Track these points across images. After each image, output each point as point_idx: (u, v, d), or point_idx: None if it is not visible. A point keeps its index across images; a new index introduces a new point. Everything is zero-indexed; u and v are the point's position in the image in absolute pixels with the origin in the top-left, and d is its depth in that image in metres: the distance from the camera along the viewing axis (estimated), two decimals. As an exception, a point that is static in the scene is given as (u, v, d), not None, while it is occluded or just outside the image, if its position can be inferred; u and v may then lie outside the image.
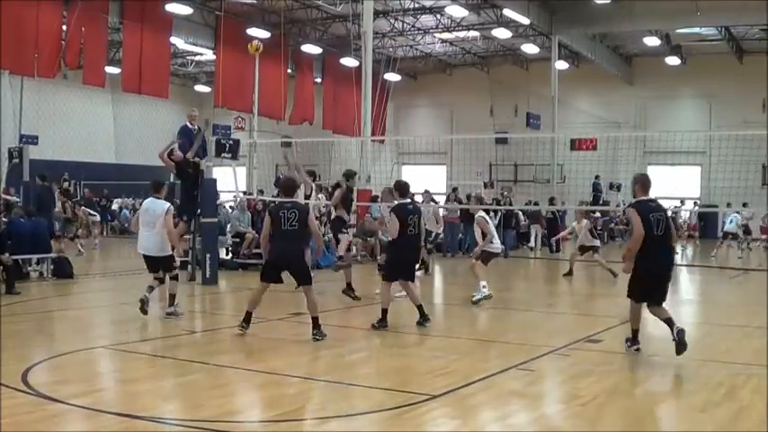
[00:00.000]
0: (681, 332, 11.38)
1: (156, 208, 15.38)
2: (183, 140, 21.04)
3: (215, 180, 22.78)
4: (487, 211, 20.60)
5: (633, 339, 12.21)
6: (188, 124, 21.47)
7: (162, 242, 15.46)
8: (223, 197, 29.40)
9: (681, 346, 11.29)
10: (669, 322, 11.72)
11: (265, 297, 13.60)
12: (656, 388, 10.36)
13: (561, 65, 49.31)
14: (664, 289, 12.09)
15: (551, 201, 40.39)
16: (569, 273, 25.05)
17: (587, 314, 16.14)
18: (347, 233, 19.89)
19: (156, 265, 15.68)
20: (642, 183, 12.67)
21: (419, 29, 47.77)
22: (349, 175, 20.38)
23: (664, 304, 11.98)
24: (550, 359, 12.10)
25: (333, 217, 20.14)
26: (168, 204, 15.66)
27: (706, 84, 49.79)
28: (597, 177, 43.85)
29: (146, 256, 15.71)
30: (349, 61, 43.14)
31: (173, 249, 15.89)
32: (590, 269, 26.95)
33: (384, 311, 14.51)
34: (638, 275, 12.04)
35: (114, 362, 11.72)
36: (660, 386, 10.47)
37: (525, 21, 42.72)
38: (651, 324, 12.04)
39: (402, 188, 15.23)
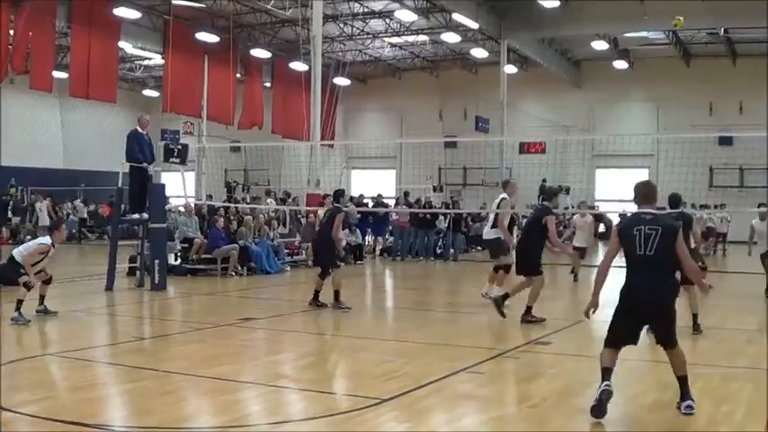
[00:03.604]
0: (688, 407, 8.96)
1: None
2: (131, 145, 21.00)
3: (163, 185, 22.69)
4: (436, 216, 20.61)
5: (603, 377, 8.99)
6: (139, 129, 21.39)
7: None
8: (173, 202, 29.26)
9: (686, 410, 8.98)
10: (682, 383, 9.11)
11: (214, 302, 13.43)
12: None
13: (510, 69, 49.46)
14: (656, 326, 9.20)
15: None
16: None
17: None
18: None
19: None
20: (636, 192, 9.68)
21: (368, 33, 47.80)
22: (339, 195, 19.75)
23: (678, 351, 9.16)
24: (501, 361, 12.16)
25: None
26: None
27: (654, 87, 50.18)
28: (544, 181, 44.10)
29: None
30: (298, 65, 43.08)
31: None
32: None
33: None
34: (616, 307, 9.18)
35: (63, 369, 11.62)
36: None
37: (474, 25, 42.87)
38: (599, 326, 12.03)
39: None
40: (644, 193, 9.57)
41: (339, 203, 18.95)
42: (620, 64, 50.32)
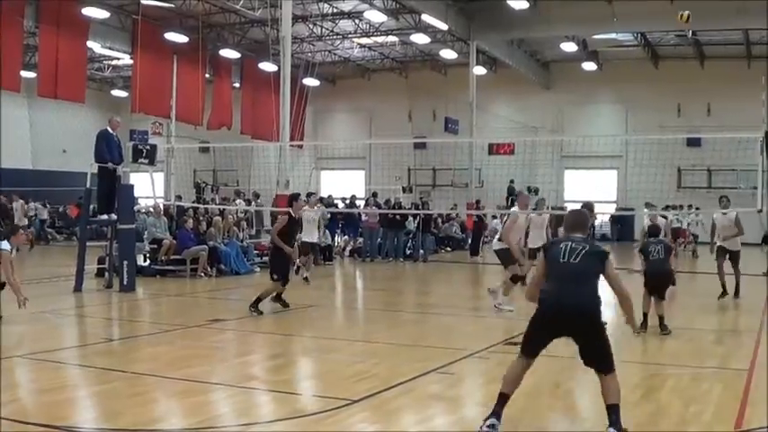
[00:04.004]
0: None
1: None
2: (100, 145, 20.95)
3: (132, 186, 22.60)
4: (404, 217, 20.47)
5: (494, 406, 8.36)
6: (109, 129, 21.36)
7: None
8: (143, 203, 29.15)
9: None
10: (612, 411, 8.17)
11: (184, 303, 13.41)
12: (575, 389, 10.46)
13: (479, 70, 49.50)
14: (583, 340, 8.36)
15: (477, 203, 40.99)
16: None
17: (506, 317, 16.25)
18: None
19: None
20: (566, 220, 9.29)
21: (338, 34, 47.76)
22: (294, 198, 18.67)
23: (614, 379, 8.28)
24: (470, 362, 12.18)
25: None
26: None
27: (622, 89, 50.38)
28: (512, 181, 44.20)
29: None
30: (267, 66, 43.00)
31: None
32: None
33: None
34: (534, 315, 8.51)
35: (32, 371, 11.54)
36: (579, 387, 10.55)
37: (443, 26, 42.91)
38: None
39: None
40: (575, 222, 9.02)
41: (292, 207, 18.20)
42: (589, 65, 50.54)
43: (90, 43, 42.06)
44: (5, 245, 15.30)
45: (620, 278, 8.54)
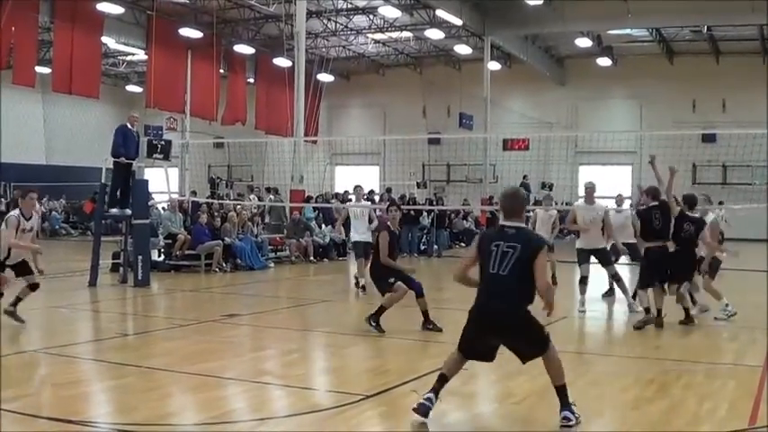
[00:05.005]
0: (564, 419, 8.45)
1: None
2: (117, 139, 21.07)
3: (146, 181, 22.66)
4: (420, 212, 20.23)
5: (434, 383, 8.80)
6: (128, 125, 21.53)
7: None
8: (157, 198, 29.22)
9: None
10: (560, 392, 8.63)
11: (198, 299, 13.40)
12: (588, 385, 10.44)
13: (494, 65, 49.51)
14: (514, 343, 8.57)
15: (491, 199, 41.10)
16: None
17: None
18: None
19: None
20: (501, 205, 8.86)
21: (352, 29, 47.75)
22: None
23: (551, 356, 8.60)
24: (484, 358, 12.15)
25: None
26: None
27: (637, 84, 50.20)
28: (525, 177, 44.16)
29: None
30: (282, 61, 43.04)
31: None
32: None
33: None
34: (469, 315, 8.69)
35: (46, 365, 11.58)
36: (592, 383, 10.53)
37: (458, 22, 42.88)
38: (583, 322, 12.04)
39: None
40: (510, 208, 8.65)
41: (388, 216, 16.39)
42: (604, 61, 50.36)
43: (105, 39, 42.11)
44: (14, 212, 14.41)
45: (546, 270, 8.63)
